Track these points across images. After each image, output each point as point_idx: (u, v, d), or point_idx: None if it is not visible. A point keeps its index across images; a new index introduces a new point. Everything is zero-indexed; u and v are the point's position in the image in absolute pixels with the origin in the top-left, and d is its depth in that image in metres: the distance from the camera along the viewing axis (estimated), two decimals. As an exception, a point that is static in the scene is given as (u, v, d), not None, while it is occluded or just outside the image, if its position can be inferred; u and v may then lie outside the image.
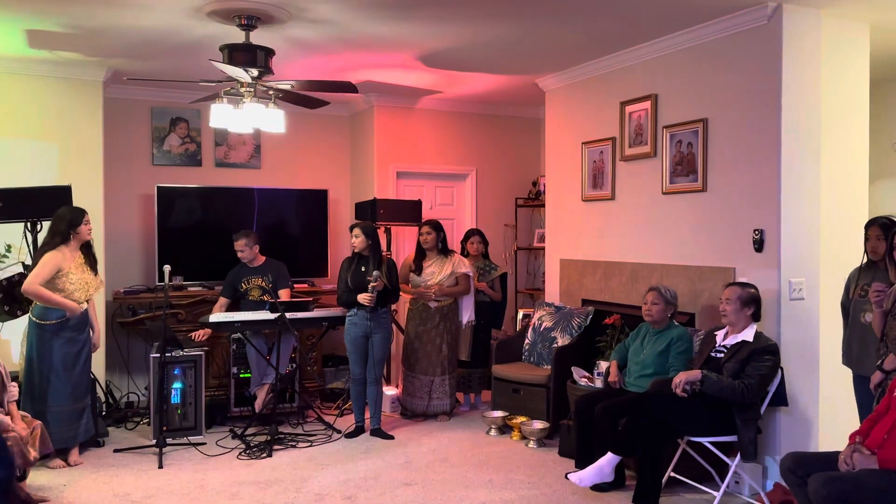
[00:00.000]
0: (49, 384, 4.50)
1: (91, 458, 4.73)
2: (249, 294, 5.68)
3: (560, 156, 6.04)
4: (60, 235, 4.51)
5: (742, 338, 3.90)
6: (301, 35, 4.67)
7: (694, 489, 4.12)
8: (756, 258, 4.27)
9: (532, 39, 4.89)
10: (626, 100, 5.25)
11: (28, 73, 5.45)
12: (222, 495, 4.10)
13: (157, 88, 6.30)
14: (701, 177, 4.65)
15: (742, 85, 4.37)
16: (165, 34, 4.67)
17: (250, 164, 6.88)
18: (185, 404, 5.22)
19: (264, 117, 4.52)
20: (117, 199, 6.23)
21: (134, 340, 6.23)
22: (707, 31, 4.54)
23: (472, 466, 4.61)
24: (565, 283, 5.92)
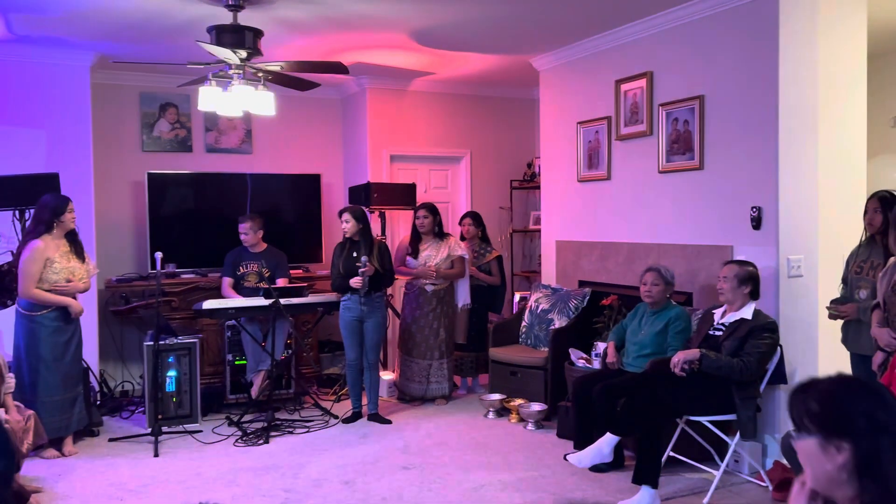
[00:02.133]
0: (38, 374, 4.44)
1: (86, 447, 4.70)
2: (246, 279, 5.64)
3: (555, 136, 5.98)
4: (44, 224, 4.44)
5: (740, 316, 3.87)
6: (289, 15, 4.58)
7: (693, 468, 4.10)
8: (754, 236, 4.23)
9: (525, 18, 4.81)
10: (622, 78, 5.19)
11: (12, 58, 5.35)
12: (219, 482, 4.07)
13: (145, 73, 6.20)
14: (698, 155, 4.60)
15: (738, 61, 4.31)
16: (152, 16, 4.58)
17: (241, 150, 6.80)
18: (181, 392, 5.17)
19: (254, 100, 4.44)
20: (107, 186, 6.15)
21: (127, 329, 6.18)
22: (702, 7, 4.48)
23: (471, 449, 4.58)
24: (562, 265, 5.88)
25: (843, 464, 1.30)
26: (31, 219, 4.54)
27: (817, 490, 1.37)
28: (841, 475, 1.31)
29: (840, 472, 1.31)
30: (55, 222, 4.46)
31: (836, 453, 1.31)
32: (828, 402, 1.35)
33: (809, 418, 1.36)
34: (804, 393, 1.39)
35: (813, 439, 1.34)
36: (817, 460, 1.33)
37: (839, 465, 1.31)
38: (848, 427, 1.31)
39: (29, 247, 4.39)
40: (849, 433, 1.30)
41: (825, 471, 1.33)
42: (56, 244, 4.49)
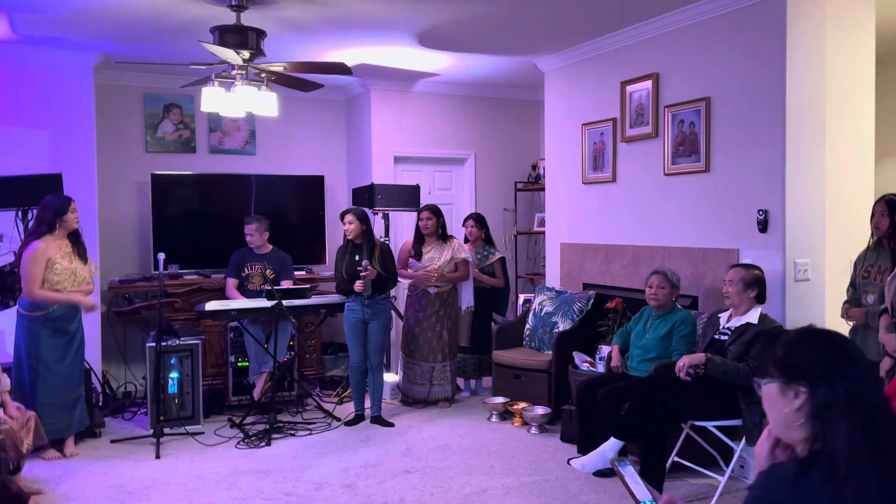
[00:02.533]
0: (38, 375, 4.42)
1: (87, 448, 4.68)
2: (250, 280, 5.62)
3: (560, 138, 5.95)
4: (46, 224, 4.43)
5: (746, 320, 3.83)
6: (293, 15, 4.56)
7: (698, 474, 4.06)
8: (760, 239, 4.19)
9: (530, 19, 4.79)
10: (627, 79, 5.15)
11: (15, 58, 5.35)
12: (220, 485, 4.05)
13: (149, 74, 6.19)
14: (704, 157, 4.56)
15: (745, 63, 4.27)
16: (155, 16, 4.57)
17: (245, 151, 6.79)
18: (183, 394, 5.15)
19: (257, 101, 4.43)
20: (111, 187, 6.14)
21: (130, 330, 6.16)
22: (709, 8, 4.44)
23: (474, 453, 4.55)
24: (566, 268, 5.84)
25: (799, 407, 1.37)
26: (34, 219, 4.53)
27: (776, 434, 1.45)
28: (797, 418, 1.37)
29: (796, 415, 1.37)
30: (57, 222, 4.45)
31: (794, 398, 1.38)
32: (791, 349, 1.42)
33: (773, 363, 1.43)
34: (773, 342, 1.47)
35: (775, 384, 1.41)
36: (778, 404, 1.40)
37: (796, 408, 1.38)
38: (806, 373, 1.37)
39: (30, 248, 4.37)
40: (807, 379, 1.37)
41: (783, 414, 1.40)
42: (58, 245, 4.48)
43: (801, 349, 1.42)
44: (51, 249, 4.42)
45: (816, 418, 1.36)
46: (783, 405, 1.40)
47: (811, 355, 1.40)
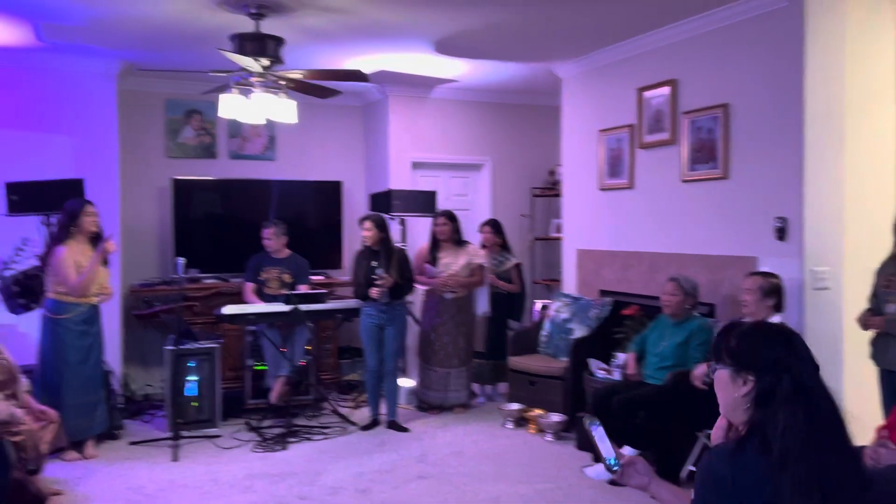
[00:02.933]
0: (62, 377, 4.50)
1: (107, 450, 4.74)
2: (268, 285, 5.66)
3: (577, 144, 5.94)
4: (65, 229, 4.51)
5: (763, 329, 3.79)
6: (311, 23, 4.61)
7: (714, 483, 4.02)
8: (778, 247, 4.16)
9: (547, 25, 4.79)
10: (644, 85, 5.14)
11: (42, 66, 5.45)
12: (235, 489, 4.08)
13: (171, 80, 6.27)
14: (722, 164, 4.53)
15: (764, 69, 4.25)
16: (176, 24, 4.63)
17: (265, 156, 6.85)
18: (201, 397, 5.19)
19: (275, 107, 4.47)
20: (133, 192, 6.22)
21: (150, 333, 6.22)
22: (727, 14, 4.42)
23: (488, 460, 4.55)
24: (583, 274, 5.83)
25: (745, 393, 1.53)
26: (56, 225, 4.61)
27: (724, 415, 1.61)
28: (744, 403, 1.53)
29: (743, 400, 1.53)
30: (72, 226, 4.52)
31: (743, 384, 1.53)
32: (744, 340, 1.57)
33: (727, 352, 1.58)
34: (728, 332, 1.62)
35: (727, 370, 1.57)
36: (728, 388, 1.56)
37: (743, 394, 1.53)
38: (755, 363, 1.52)
39: (55, 254, 4.46)
40: (755, 369, 1.52)
41: (732, 397, 1.56)
42: (81, 249, 4.55)
43: (753, 341, 1.57)
44: (75, 253, 4.49)
45: (760, 405, 1.50)
46: (732, 390, 1.55)
47: (761, 348, 1.54)
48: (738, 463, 1.49)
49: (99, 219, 4.65)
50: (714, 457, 1.56)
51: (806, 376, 1.51)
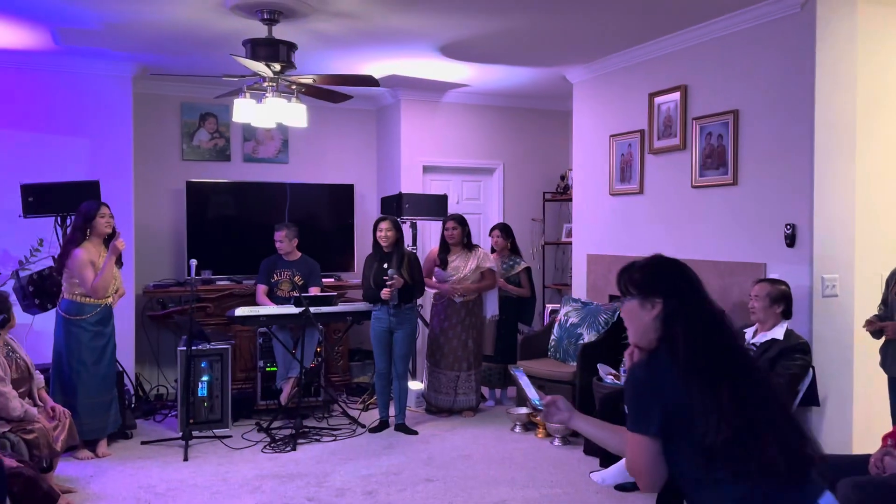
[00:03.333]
0: (79, 377, 4.57)
1: (119, 449, 4.80)
2: (279, 287, 5.71)
3: (588, 149, 5.95)
4: (80, 230, 4.58)
5: (772, 336, 3.79)
6: (323, 28, 4.65)
7: (721, 490, 4.02)
8: (787, 253, 4.15)
9: (559, 31, 4.81)
10: (655, 91, 5.14)
11: (59, 69, 5.53)
12: (244, 489, 4.13)
13: (186, 84, 6.35)
14: (731, 170, 4.53)
15: (774, 75, 4.24)
16: (190, 29, 4.69)
17: (278, 159, 6.91)
18: (212, 397, 5.25)
19: (287, 112, 4.52)
20: (147, 194, 6.30)
21: (164, 334, 6.30)
22: (738, 20, 4.42)
23: (496, 463, 4.57)
24: (592, 279, 5.83)
25: (655, 315, 1.79)
26: (71, 226, 4.67)
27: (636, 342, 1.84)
28: (654, 325, 1.78)
29: (653, 323, 1.78)
30: (87, 228, 4.58)
31: (651, 309, 1.79)
32: (647, 272, 1.85)
33: (633, 285, 1.83)
34: (628, 270, 1.88)
35: (635, 300, 1.81)
36: (638, 316, 1.81)
37: (653, 316, 1.79)
38: (660, 289, 1.80)
39: (73, 256, 4.52)
40: (661, 293, 1.79)
41: (643, 322, 1.81)
42: (97, 250, 4.62)
43: (654, 272, 1.86)
44: (91, 254, 4.56)
45: (667, 323, 1.77)
46: (642, 315, 1.81)
47: (663, 276, 1.84)
48: (653, 367, 1.77)
49: (113, 220, 4.72)
50: (635, 367, 1.82)
51: (698, 295, 1.83)
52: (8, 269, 5.29)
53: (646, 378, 1.78)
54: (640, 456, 1.76)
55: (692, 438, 1.69)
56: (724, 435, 1.65)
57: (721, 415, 1.66)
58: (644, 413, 1.75)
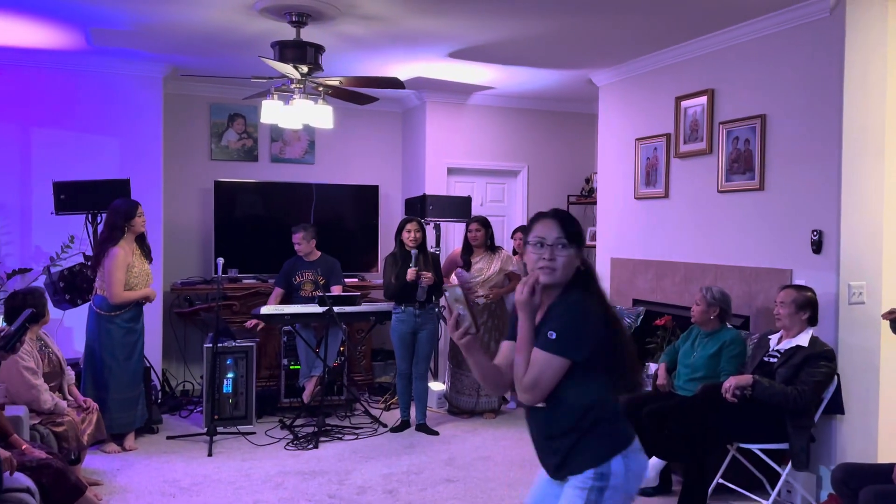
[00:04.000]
0: (110, 372, 4.66)
1: (145, 444, 4.89)
2: (302, 288, 5.76)
3: (613, 152, 5.93)
4: (119, 229, 4.65)
5: (797, 342, 3.76)
6: (351, 31, 4.70)
7: (743, 497, 3.99)
8: (814, 260, 4.11)
9: (585, 34, 4.81)
10: (682, 95, 5.12)
11: (91, 69, 5.65)
12: (267, 485, 4.18)
13: (215, 85, 6.44)
14: (758, 175, 4.49)
15: (803, 80, 4.20)
16: (220, 31, 4.76)
17: (304, 160, 6.98)
18: (237, 394, 5.33)
19: (313, 113, 4.57)
20: (176, 192, 6.40)
21: (190, 330, 6.40)
22: (766, 24, 4.38)
23: (516, 465, 4.57)
24: (616, 283, 5.81)
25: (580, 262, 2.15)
26: (105, 224, 4.74)
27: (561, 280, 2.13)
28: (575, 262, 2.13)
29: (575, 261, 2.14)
30: (126, 226, 4.67)
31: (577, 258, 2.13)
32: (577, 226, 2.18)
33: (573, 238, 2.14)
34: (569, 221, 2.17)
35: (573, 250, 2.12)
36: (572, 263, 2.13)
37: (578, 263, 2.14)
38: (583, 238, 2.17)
39: (110, 255, 4.60)
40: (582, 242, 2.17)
41: (573, 266, 2.14)
42: (131, 248, 4.71)
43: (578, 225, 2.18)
44: (128, 254, 4.65)
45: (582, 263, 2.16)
46: (574, 261, 2.13)
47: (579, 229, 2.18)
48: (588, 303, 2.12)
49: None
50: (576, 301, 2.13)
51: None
52: (40, 265, 5.41)
53: (586, 311, 2.08)
54: (552, 376, 2.05)
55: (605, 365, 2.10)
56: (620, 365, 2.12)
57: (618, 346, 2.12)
58: (577, 340, 2.04)
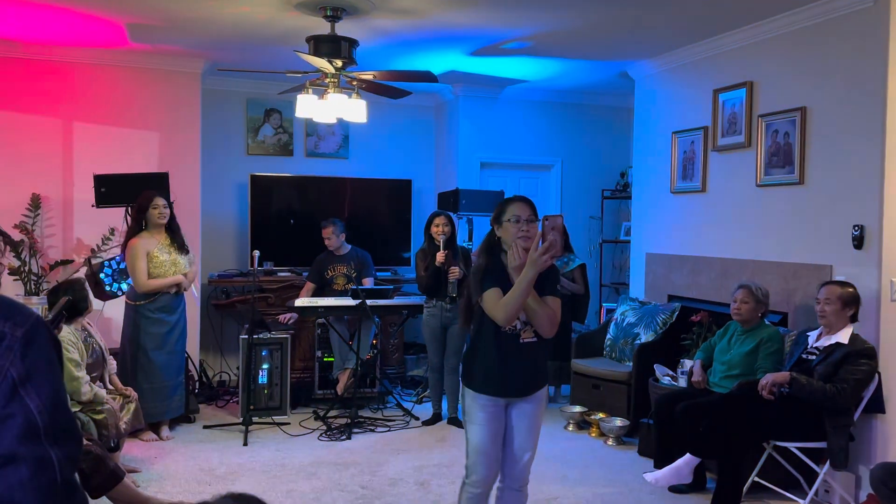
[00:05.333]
0: (136, 361, 4.74)
1: (182, 433, 4.98)
2: (335, 282, 5.81)
3: (649, 146, 5.86)
4: (136, 221, 4.78)
5: (836, 339, 3.68)
6: (384, 25, 4.71)
7: (779, 496, 3.92)
8: (855, 256, 4.01)
9: (623, 25, 4.76)
10: (720, 87, 5.03)
11: (131, 65, 5.75)
12: (301, 474, 4.23)
13: (251, 80, 6.52)
14: (798, 169, 4.40)
15: (844, 71, 4.10)
16: (256, 26, 4.82)
17: (339, 154, 7.03)
18: (272, 385, 5.39)
19: (347, 108, 4.59)
20: (213, 186, 6.49)
21: (227, 322, 6.50)
22: (808, 15, 4.29)
23: (547, 461, 4.55)
24: (651, 278, 5.75)
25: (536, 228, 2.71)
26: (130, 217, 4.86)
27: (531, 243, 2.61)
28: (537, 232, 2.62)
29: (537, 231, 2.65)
30: (142, 219, 4.76)
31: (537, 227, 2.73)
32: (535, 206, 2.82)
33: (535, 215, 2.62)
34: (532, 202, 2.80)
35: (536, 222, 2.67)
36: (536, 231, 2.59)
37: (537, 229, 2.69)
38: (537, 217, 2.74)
39: (127, 247, 4.73)
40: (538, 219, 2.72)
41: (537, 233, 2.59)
42: (157, 239, 4.78)
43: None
44: (148, 244, 4.73)
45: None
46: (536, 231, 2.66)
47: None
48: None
49: (168, 210, 4.82)
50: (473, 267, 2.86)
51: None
52: (81, 257, 5.54)
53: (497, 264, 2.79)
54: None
55: None
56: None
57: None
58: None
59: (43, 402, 1.09)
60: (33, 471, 1.05)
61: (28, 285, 5.37)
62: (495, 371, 2.76)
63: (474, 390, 2.79)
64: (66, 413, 1.14)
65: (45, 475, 1.07)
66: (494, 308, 2.68)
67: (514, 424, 2.85)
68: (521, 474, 2.89)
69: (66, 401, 1.15)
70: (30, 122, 5.58)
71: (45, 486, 1.06)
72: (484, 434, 2.78)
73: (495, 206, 2.88)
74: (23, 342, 1.10)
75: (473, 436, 2.80)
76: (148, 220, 4.77)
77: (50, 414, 1.09)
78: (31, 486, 1.05)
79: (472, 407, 2.81)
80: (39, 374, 1.10)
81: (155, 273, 4.72)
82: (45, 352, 1.12)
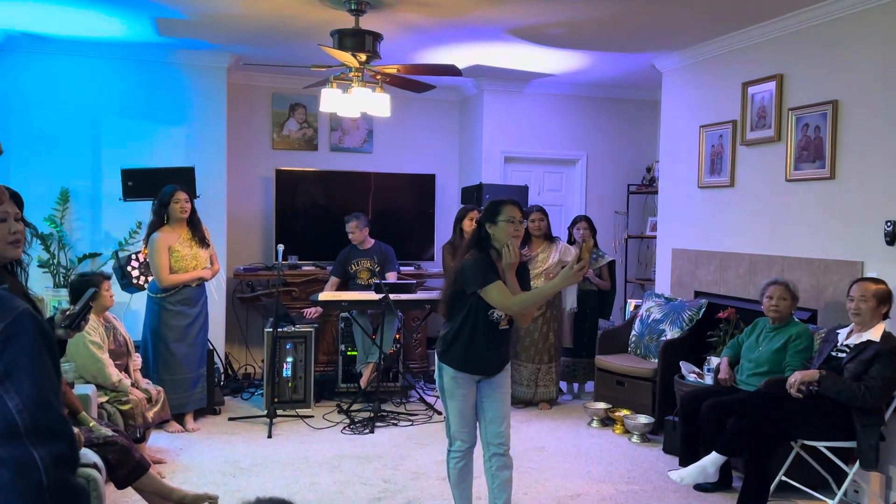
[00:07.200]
0: (156, 352, 4.80)
1: (207, 424, 5.03)
2: (358, 277, 5.82)
3: (676, 140, 5.78)
4: (157, 215, 4.81)
5: (868, 337, 3.60)
6: (409, 18, 4.70)
7: (807, 496, 3.86)
8: (888, 252, 3.92)
9: (649, 18, 4.69)
10: (749, 80, 4.95)
11: (158, 59, 5.80)
12: (324, 467, 4.25)
13: (276, 75, 6.54)
14: (829, 163, 4.32)
15: (877, 64, 4.01)
16: (282, 20, 4.83)
17: (363, 149, 7.04)
18: (296, 378, 5.42)
19: (371, 102, 4.59)
20: (239, 180, 6.53)
21: (252, 315, 6.55)
22: (839, 7, 4.20)
23: (571, 457, 4.53)
24: (677, 274, 5.68)
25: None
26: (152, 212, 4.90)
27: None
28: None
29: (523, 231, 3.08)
30: (164, 213, 4.80)
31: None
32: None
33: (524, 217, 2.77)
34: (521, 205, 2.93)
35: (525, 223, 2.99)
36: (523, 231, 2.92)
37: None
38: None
39: (149, 241, 4.78)
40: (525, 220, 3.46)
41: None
42: (178, 233, 4.82)
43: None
44: (170, 238, 4.77)
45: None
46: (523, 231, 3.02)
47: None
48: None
49: (189, 205, 4.84)
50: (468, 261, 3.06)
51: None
52: (109, 250, 5.61)
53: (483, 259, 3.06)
54: None
55: None
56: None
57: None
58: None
59: (23, 401, 1.04)
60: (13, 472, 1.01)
61: (57, 278, 5.46)
62: (479, 353, 3.09)
63: (455, 369, 3.10)
64: (52, 411, 1.08)
65: (29, 477, 1.02)
66: (506, 300, 2.96)
67: (488, 395, 3.17)
68: (504, 436, 3.18)
69: (54, 398, 1.10)
70: (59, 117, 5.65)
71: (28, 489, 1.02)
72: (465, 406, 3.13)
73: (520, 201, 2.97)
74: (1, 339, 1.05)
75: (455, 408, 3.14)
76: (169, 215, 4.81)
77: (31, 413, 1.04)
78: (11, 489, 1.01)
79: (451, 384, 3.12)
80: (20, 370, 1.05)
81: (176, 267, 4.77)
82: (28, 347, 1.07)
